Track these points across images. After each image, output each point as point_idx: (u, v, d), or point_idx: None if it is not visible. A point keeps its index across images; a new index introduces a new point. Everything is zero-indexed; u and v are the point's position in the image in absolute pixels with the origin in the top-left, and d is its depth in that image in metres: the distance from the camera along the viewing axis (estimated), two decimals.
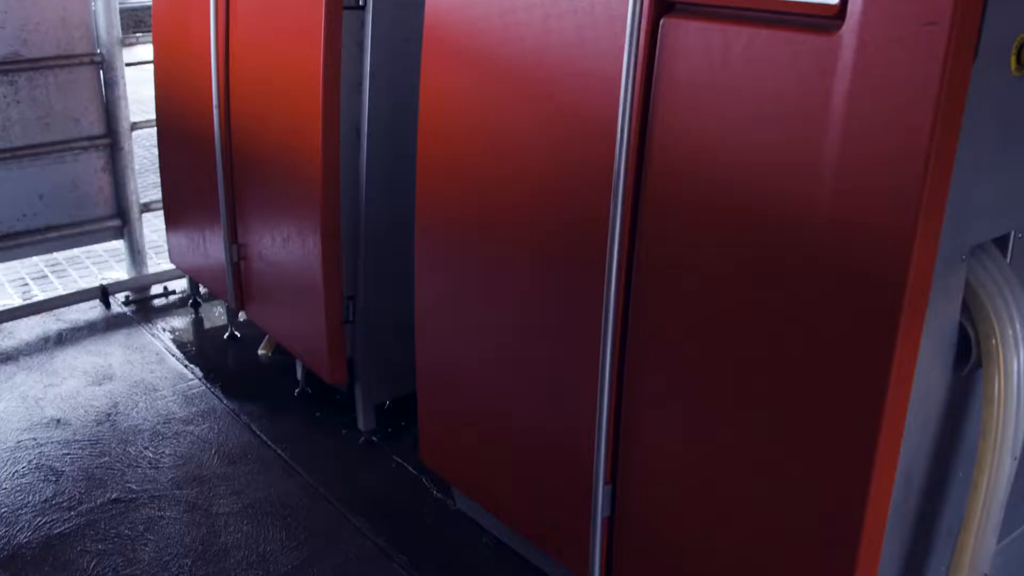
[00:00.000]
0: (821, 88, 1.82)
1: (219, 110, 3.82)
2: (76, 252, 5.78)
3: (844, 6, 1.78)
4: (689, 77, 2.05)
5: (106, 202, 5.10)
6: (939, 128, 1.70)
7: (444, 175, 2.78)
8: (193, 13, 3.99)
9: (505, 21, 2.45)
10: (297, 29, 3.28)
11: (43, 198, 4.89)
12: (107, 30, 4.86)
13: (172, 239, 4.74)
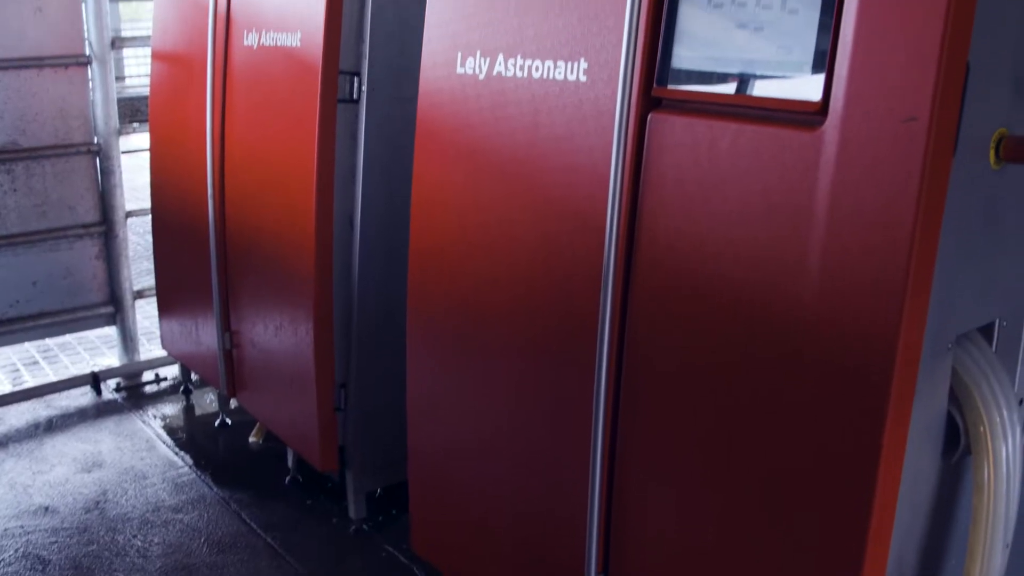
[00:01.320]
0: (805, 183, 1.86)
1: (214, 199, 3.87)
2: (68, 338, 5.78)
3: (826, 103, 1.83)
4: (676, 171, 2.09)
5: (99, 289, 5.13)
6: (921, 222, 1.73)
7: (436, 264, 2.81)
8: (190, 104, 4.07)
9: (496, 115, 2.50)
10: (292, 121, 3.35)
11: (37, 285, 4.91)
12: (104, 120, 4.93)
13: (165, 326, 4.75)
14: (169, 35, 4.35)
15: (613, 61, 2.19)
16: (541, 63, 2.37)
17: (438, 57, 2.68)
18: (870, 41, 1.76)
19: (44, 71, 4.78)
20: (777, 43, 1.95)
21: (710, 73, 2.07)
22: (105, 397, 5.01)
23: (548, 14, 2.36)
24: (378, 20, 3.21)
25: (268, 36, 3.46)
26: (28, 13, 4.70)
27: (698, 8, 2.07)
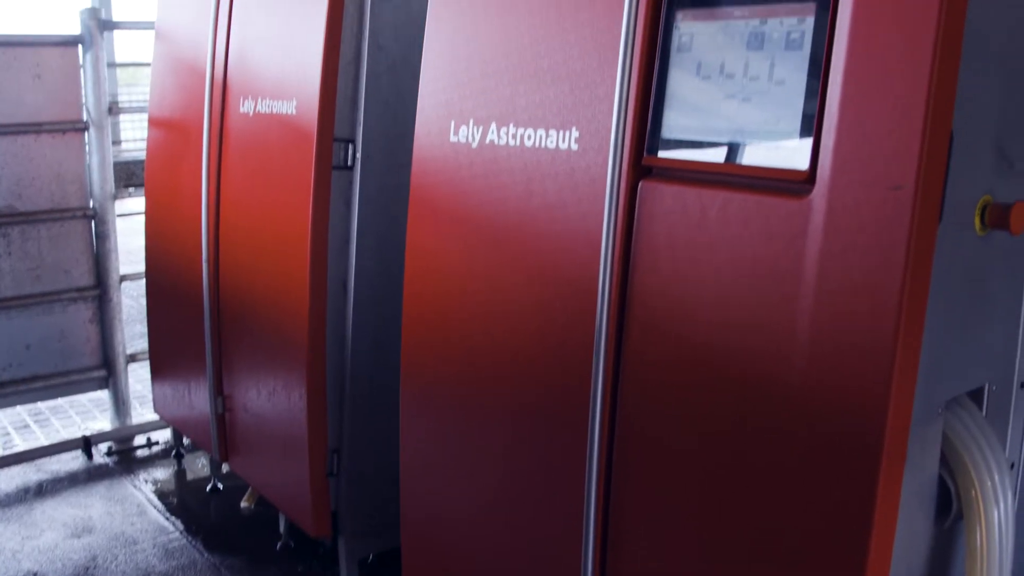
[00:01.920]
0: (793, 250, 1.89)
1: (208, 263, 3.89)
2: (60, 401, 5.76)
3: (814, 172, 1.86)
4: (667, 238, 2.12)
5: (92, 352, 5.13)
6: (909, 288, 1.75)
7: (429, 330, 2.82)
8: (185, 168, 4.11)
9: (489, 183, 2.53)
10: (287, 187, 3.38)
11: (30, 348, 4.91)
12: (100, 185, 4.97)
13: (157, 389, 4.75)
14: (166, 101, 4.40)
15: (604, 130, 2.23)
16: (533, 132, 2.41)
17: (432, 125, 2.72)
18: (856, 111, 1.80)
19: (42, 136, 4.83)
20: (765, 113, 1.98)
21: (699, 142, 2.11)
22: (96, 461, 4.98)
23: (540, 84, 2.40)
24: (372, 88, 3.26)
25: (264, 103, 3.50)
26: (27, 80, 4.76)
27: (687, 78, 2.11)
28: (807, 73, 1.90)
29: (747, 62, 2.01)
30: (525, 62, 2.45)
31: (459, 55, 2.66)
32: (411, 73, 3.03)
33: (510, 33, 2.50)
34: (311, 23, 3.22)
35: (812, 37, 1.90)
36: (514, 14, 2.49)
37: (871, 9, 1.79)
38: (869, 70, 1.79)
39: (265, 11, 3.55)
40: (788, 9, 1.95)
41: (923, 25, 1.72)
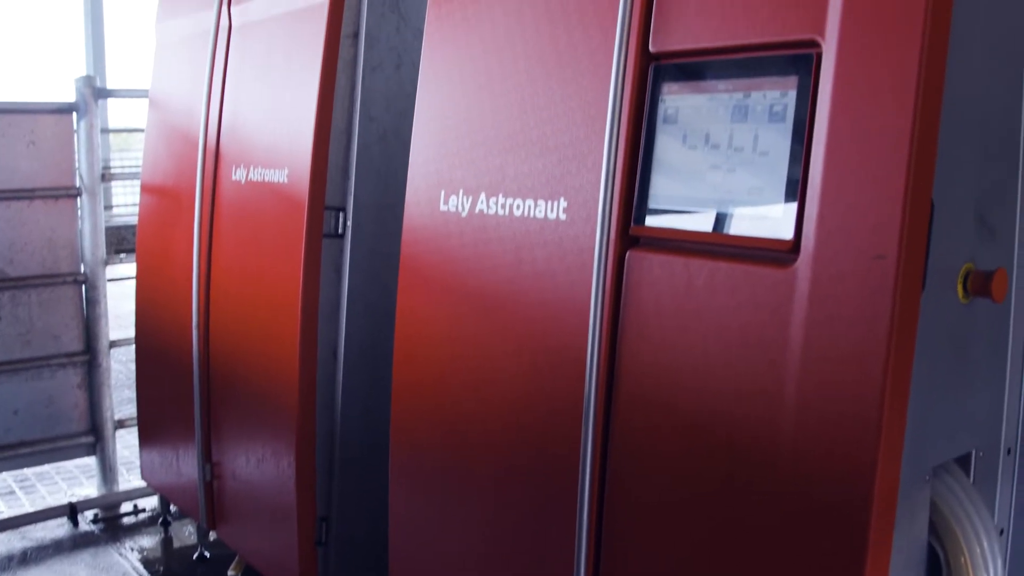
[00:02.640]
0: (780, 318, 1.91)
1: (198, 329, 3.90)
2: (46, 467, 5.71)
3: (798, 241, 1.89)
4: (655, 307, 2.14)
5: (80, 418, 5.10)
6: (894, 356, 1.77)
7: (419, 397, 2.83)
8: (177, 235, 4.13)
9: (479, 252, 2.56)
10: (278, 255, 3.40)
11: (18, 414, 4.89)
12: (92, 251, 4.99)
13: (145, 456, 4.72)
14: (159, 168, 4.44)
15: (592, 200, 2.26)
16: (522, 202, 2.44)
17: (422, 194, 2.76)
18: (838, 182, 1.83)
19: (35, 202, 4.85)
20: (750, 183, 2.02)
21: (686, 212, 2.14)
22: (82, 528, 4.93)
23: (529, 154, 2.44)
24: (363, 157, 3.30)
25: (256, 172, 3.54)
26: (21, 147, 4.80)
27: (673, 150, 2.15)
28: (790, 144, 1.95)
29: (732, 134, 2.06)
30: (514, 133, 2.49)
31: (449, 126, 2.70)
32: (401, 143, 3.08)
33: (499, 104, 2.55)
34: (304, 93, 3.27)
35: (795, 110, 1.95)
36: (503, 86, 2.54)
37: (851, 83, 1.83)
38: (850, 142, 1.83)
39: (258, 81, 3.61)
40: (771, 83, 2.00)
41: (902, 97, 1.76)
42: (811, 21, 1.91)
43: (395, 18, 3.32)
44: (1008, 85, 2.11)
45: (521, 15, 2.51)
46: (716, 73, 2.11)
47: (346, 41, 3.26)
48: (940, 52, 1.78)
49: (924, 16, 1.75)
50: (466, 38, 2.68)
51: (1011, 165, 2.16)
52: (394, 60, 3.33)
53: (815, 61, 1.90)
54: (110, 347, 5.10)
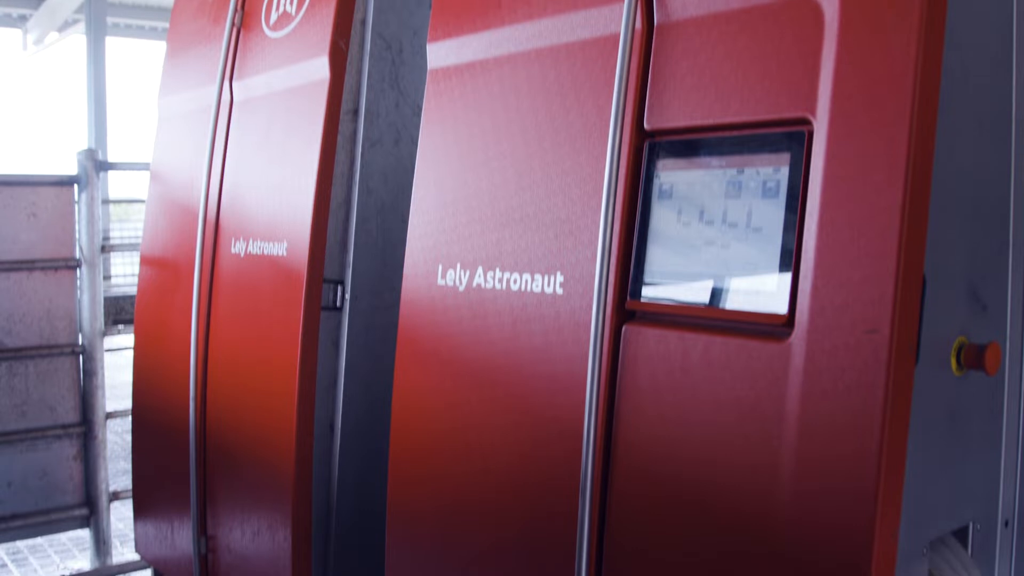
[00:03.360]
0: (775, 392, 1.93)
1: (195, 401, 3.89)
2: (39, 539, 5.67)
3: (792, 316, 1.91)
4: (651, 380, 2.16)
5: (75, 490, 5.07)
6: (889, 430, 1.78)
7: (416, 469, 2.83)
8: (176, 307, 4.14)
9: (476, 326, 2.58)
10: (276, 327, 3.42)
11: (11, 486, 4.86)
12: (90, 322, 5.00)
13: (140, 528, 4.67)
14: (159, 240, 4.47)
15: (588, 275, 2.29)
16: (519, 276, 2.47)
17: (419, 268, 2.79)
18: (831, 257, 1.86)
19: (34, 273, 4.88)
20: (744, 258, 2.05)
21: (681, 287, 2.16)
22: None
23: (526, 229, 2.47)
24: (362, 231, 3.33)
25: (255, 245, 3.57)
26: (22, 218, 4.84)
27: (668, 226, 2.19)
28: (783, 220, 1.98)
29: (726, 209, 2.09)
30: (511, 208, 2.53)
31: (447, 200, 2.74)
32: (400, 217, 3.13)
33: (496, 179, 2.59)
34: (304, 167, 3.32)
35: (787, 186, 1.98)
36: (500, 161, 2.58)
37: (843, 160, 1.87)
38: (843, 217, 1.86)
39: (259, 155, 3.65)
40: (764, 159, 2.04)
41: (893, 174, 1.80)
42: (802, 99, 1.96)
43: (394, 95, 3.38)
44: (997, 162, 2.15)
45: (518, 92, 2.56)
46: (710, 150, 2.15)
47: (346, 117, 3.32)
48: (929, 129, 1.83)
49: (913, 94, 1.80)
50: (464, 114, 2.73)
51: (1001, 240, 2.19)
52: (393, 135, 3.39)
53: (807, 138, 1.94)
54: (106, 418, 5.09)
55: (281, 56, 3.56)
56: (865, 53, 1.87)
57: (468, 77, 2.74)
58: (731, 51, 2.10)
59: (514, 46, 2.59)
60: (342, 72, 3.29)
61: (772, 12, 2.04)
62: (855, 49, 1.89)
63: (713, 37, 2.14)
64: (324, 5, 3.36)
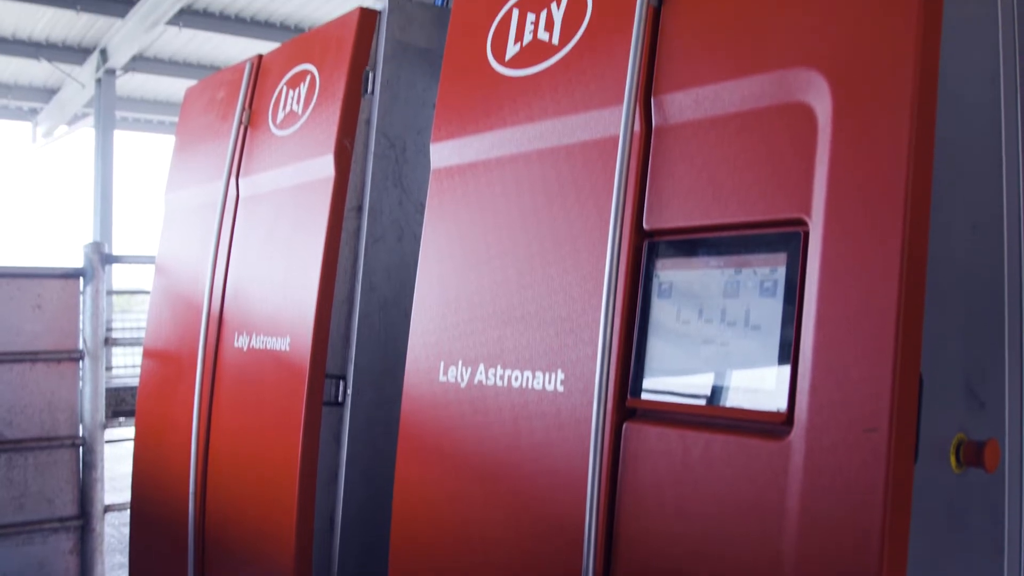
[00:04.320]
0: (775, 489, 1.93)
1: (195, 495, 3.88)
2: None
3: (791, 414, 1.93)
4: (652, 477, 2.16)
5: None
6: (889, 528, 1.78)
7: (417, 566, 2.80)
8: (178, 400, 4.15)
9: (477, 422, 2.59)
10: (277, 421, 3.42)
11: None
12: (92, 414, 5.00)
13: None
14: (162, 332, 4.50)
15: (589, 373, 2.31)
16: (520, 373, 2.49)
17: (421, 364, 2.81)
18: (829, 356, 1.88)
19: (37, 365, 4.90)
20: (743, 357, 2.07)
21: (681, 385, 2.18)
22: None
23: (527, 327, 2.50)
24: (364, 326, 3.36)
25: (258, 339, 3.60)
26: (27, 310, 4.88)
27: (668, 325, 2.21)
28: (781, 319, 2.00)
29: (724, 308, 2.12)
30: (512, 306, 2.56)
31: (449, 297, 2.77)
32: (402, 312, 3.16)
33: (497, 277, 2.62)
34: (308, 263, 3.36)
35: (784, 285, 2.02)
36: (502, 259, 2.62)
37: (838, 260, 1.90)
38: (839, 317, 1.89)
39: (263, 250, 3.70)
40: (761, 259, 2.07)
41: (887, 273, 1.83)
42: (798, 200, 2.00)
43: (398, 192, 3.44)
44: (990, 260, 2.18)
45: (519, 192, 2.62)
46: (708, 249, 2.19)
47: (350, 214, 3.38)
48: (922, 229, 1.86)
49: (906, 195, 1.84)
50: (466, 213, 2.78)
51: (997, 337, 2.21)
52: (396, 232, 3.44)
53: (803, 239, 1.98)
54: (104, 511, 5.06)
55: (287, 154, 3.64)
56: (858, 155, 1.92)
57: (470, 176, 2.79)
58: (727, 153, 2.16)
59: (515, 147, 2.66)
60: (347, 170, 3.36)
61: (767, 115, 2.10)
62: (848, 151, 1.94)
63: (710, 140, 2.20)
64: (330, 105, 3.44)
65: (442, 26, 3.50)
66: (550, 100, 2.57)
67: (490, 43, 2.82)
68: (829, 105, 1.98)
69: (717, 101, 2.20)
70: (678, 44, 2.31)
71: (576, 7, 2.59)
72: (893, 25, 1.91)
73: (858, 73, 1.95)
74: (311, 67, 3.65)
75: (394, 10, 3.48)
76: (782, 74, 2.08)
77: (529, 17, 2.72)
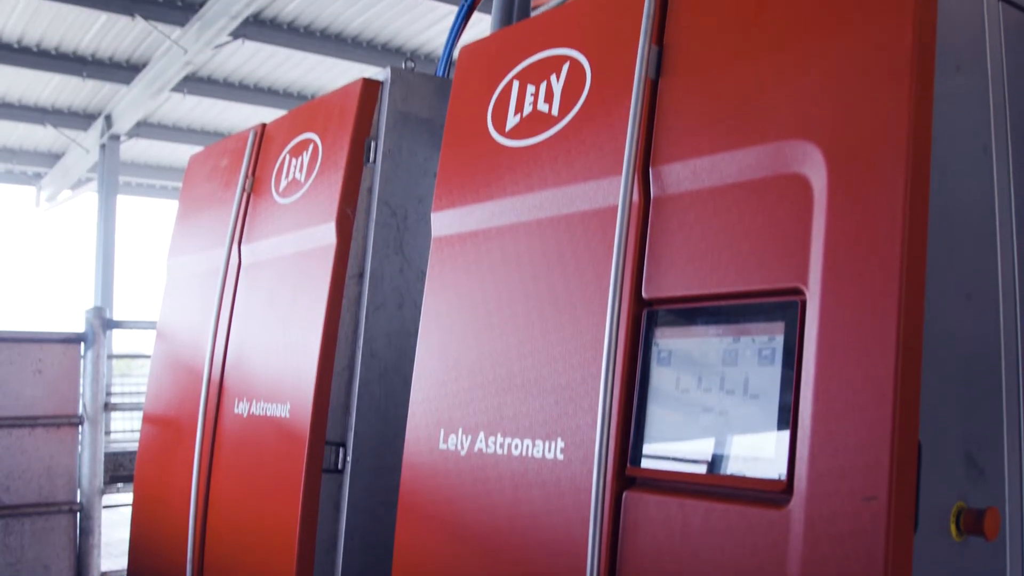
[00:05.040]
0: (775, 559, 1.92)
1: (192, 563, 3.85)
2: None
3: (791, 483, 1.93)
4: (652, 545, 2.15)
5: None
6: None
7: None
8: (177, 465, 4.14)
9: (477, 490, 2.59)
10: (277, 488, 3.41)
11: None
12: (90, 480, 4.99)
13: None
14: (163, 398, 4.50)
15: (589, 441, 2.32)
16: (520, 441, 2.49)
17: (421, 432, 2.81)
18: (827, 424, 1.89)
19: (36, 430, 4.90)
20: (742, 425, 2.08)
21: (681, 453, 2.18)
22: None
23: (527, 395, 2.51)
24: (365, 393, 3.36)
25: (259, 406, 3.60)
26: (28, 374, 4.89)
27: (667, 393, 2.22)
28: (780, 388, 2.02)
29: (723, 377, 2.13)
30: (512, 374, 2.57)
31: (449, 365, 2.78)
32: (402, 379, 3.16)
33: (497, 345, 2.64)
34: (309, 330, 3.38)
35: (782, 354, 2.03)
36: (502, 328, 2.64)
37: (835, 329, 1.92)
38: (837, 385, 1.90)
39: (264, 317, 3.72)
40: (759, 328, 2.09)
41: (884, 342, 1.85)
42: (795, 270, 2.03)
43: (399, 260, 3.47)
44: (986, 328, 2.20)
45: (519, 261, 2.64)
46: (707, 318, 2.20)
47: (351, 281, 3.40)
48: (918, 298, 1.88)
49: (901, 264, 1.86)
50: (466, 281, 2.80)
51: (994, 404, 2.21)
52: (397, 300, 3.46)
53: (800, 308, 2.00)
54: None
55: (289, 221, 3.67)
56: (853, 225, 1.94)
57: (471, 245, 2.82)
58: (725, 223, 2.19)
59: (515, 216, 2.69)
60: (348, 238, 3.39)
61: (763, 186, 2.13)
62: (844, 221, 1.96)
63: (708, 210, 2.23)
64: (332, 173, 3.48)
65: (443, 96, 3.56)
66: (550, 170, 2.61)
67: (491, 114, 2.87)
68: (824, 176, 2.01)
69: (714, 172, 2.23)
70: (676, 116, 2.36)
71: (575, 79, 2.64)
72: (886, 98, 1.95)
73: (853, 145, 1.98)
74: (314, 136, 3.70)
75: (396, 81, 3.53)
76: (778, 146, 2.11)
77: (529, 89, 2.77)
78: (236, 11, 9.62)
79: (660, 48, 2.43)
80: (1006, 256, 2.24)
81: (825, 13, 2.11)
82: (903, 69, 1.94)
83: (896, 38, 1.96)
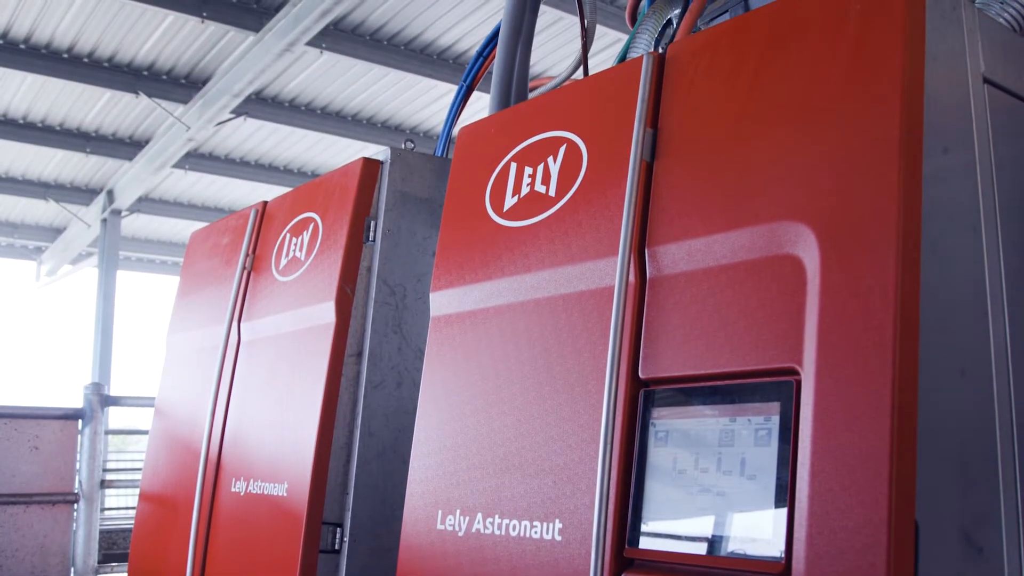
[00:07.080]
0: None
1: None
2: None
3: (789, 564, 1.92)
4: None
5: None
6: None
7: None
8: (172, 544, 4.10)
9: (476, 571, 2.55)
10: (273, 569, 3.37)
11: None
12: (84, 558, 4.95)
13: None
14: (160, 475, 4.48)
15: (587, 522, 2.31)
16: (518, 522, 2.49)
17: (419, 512, 2.80)
18: (824, 505, 1.89)
19: (31, 507, 4.87)
20: (739, 507, 2.08)
21: (678, 534, 2.18)
22: None
23: (525, 476, 2.51)
24: (363, 472, 3.35)
25: (256, 484, 3.58)
26: (24, 451, 4.88)
27: (664, 474, 2.23)
28: (776, 468, 2.02)
29: (720, 457, 2.14)
30: (510, 454, 2.57)
31: (447, 445, 2.78)
32: (400, 458, 3.16)
33: (495, 426, 2.65)
34: (307, 408, 3.38)
35: (778, 434, 2.04)
36: (500, 408, 2.65)
37: (830, 408, 1.93)
38: (833, 465, 1.90)
39: (263, 394, 3.73)
40: (755, 408, 2.10)
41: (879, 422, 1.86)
42: (789, 350, 2.04)
43: (397, 339, 3.49)
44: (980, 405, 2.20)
45: (517, 341, 2.66)
46: (703, 399, 2.22)
47: (350, 360, 3.41)
48: (912, 375, 1.89)
49: (894, 343, 1.88)
50: (464, 361, 2.82)
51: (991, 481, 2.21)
52: (395, 379, 3.47)
53: (795, 388, 2.02)
54: None
55: (289, 299, 3.70)
56: (846, 304, 1.97)
57: (469, 325, 2.84)
58: (720, 304, 2.21)
59: (513, 296, 2.72)
60: (347, 316, 3.41)
61: (757, 267, 2.16)
62: (837, 301, 1.99)
63: (703, 291, 2.26)
64: (332, 252, 3.52)
65: (442, 176, 3.62)
66: (547, 251, 2.65)
67: (489, 194, 2.91)
68: (817, 257, 2.04)
69: (709, 253, 2.26)
70: (670, 197, 2.39)
71: (572, 161, 2.68)
72: (876, 179, 1.99)
73: (844, 226, 2.01)
74: (314, 215, 3.75)
75: (396, 161, 3.59)
76: (771, 227, 2.15)
77: (527, 170, 2.81)
78: (238, 89, 9.77)
79: (655, 131, 2.48)
80: (998, 332, 2.26)
81: (815, 97, 2.16)
82: (891, 151, 1.98)
83: (884, 121, 2.01)
